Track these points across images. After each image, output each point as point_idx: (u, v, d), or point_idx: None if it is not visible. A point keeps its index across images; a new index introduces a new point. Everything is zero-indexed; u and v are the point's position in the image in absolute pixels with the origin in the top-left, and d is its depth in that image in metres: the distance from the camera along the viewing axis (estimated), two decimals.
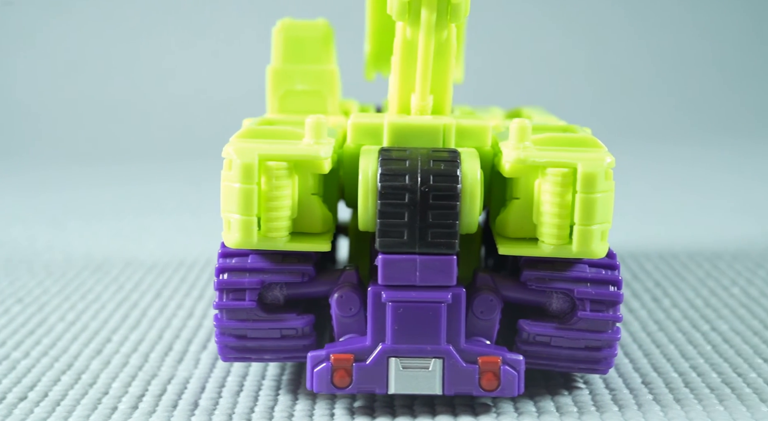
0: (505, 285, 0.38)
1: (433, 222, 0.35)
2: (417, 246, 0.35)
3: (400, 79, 0.39)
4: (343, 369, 0.36)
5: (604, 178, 0.35)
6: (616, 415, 0.36)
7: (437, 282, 0.36)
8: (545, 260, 0.37)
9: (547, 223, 0.36)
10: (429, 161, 0.36)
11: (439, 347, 0.36)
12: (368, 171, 0.36)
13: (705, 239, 0.71)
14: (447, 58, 0.38)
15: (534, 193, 0.36)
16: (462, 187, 0.36)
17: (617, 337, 0.37)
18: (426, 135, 0.38)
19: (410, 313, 0.36)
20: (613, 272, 0.37)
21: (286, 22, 0.51)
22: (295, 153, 0.36)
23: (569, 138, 0.37)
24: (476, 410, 0.37)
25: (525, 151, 0.36)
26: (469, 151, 0.37)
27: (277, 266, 0.37)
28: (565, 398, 0.38)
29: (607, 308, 0.37)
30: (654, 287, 0.57)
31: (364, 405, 0.38)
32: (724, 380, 0.40)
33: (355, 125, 0.39)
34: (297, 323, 0.37)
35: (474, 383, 0.36)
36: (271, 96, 0.50)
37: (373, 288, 0.36)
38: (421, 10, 0.36)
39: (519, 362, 0.36)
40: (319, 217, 0.37)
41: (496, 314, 0.37)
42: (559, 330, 0.37)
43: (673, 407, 0.37)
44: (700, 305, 0.53)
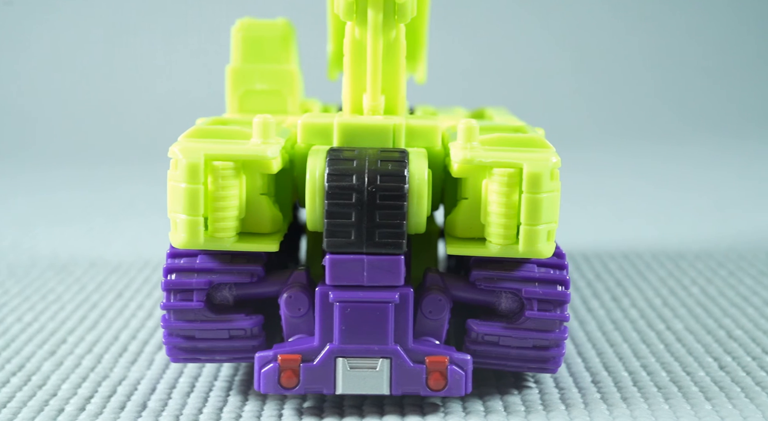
0: (455, 285, 0.38)
1: (381, 222, 0.35)
2: (364, 246, 0.35)
3: (351, 79, 0.39)
4: (291, 370, 0.36)
5: (549, 178, 0.35)
6: (563, 414, 0.37)
7: (385, 282, 0.36)
8: (494, 259, 0.37)
9: (494, 223, 0.36)
10: (377, 161, 0.36)
11: (386, 347, 0.36)
12: (315, 171, 0.36)
13: (670, 238, 0.71)
14: (397, 58, 0.38)
15: (482, 193, 0.36)
16: (409, 188, 0.36)
17: (564, 336, 0.37)
18: (376, 135, 0.38)
19: (358, 313, 0.36)
20: (561, 272, 0.37)
21: (245, 22, 0.51)
22: (241, 153, 0.35)
23: (517, 138, 0.37)
24: (425, 409, 0.37)
25: (472, 152, 0.36)
26: (418, 152, 0.37)
27: (226, 266, 0.37)
28: (515, 397, 0.38)
29: (555, 307, 0.37)
30: (615, 287, 0.57)
31: (314, 406, 0.38)
32: (673, 378, 0.40)
33: (305, 125, 0.38)
34: (245, 323, 0.37)
35: (421, 383, 0.36)
36: (231, 96, 0.50)
37: (321, 288, 0.36)
38: (368, 10, 0.36)
39: (466, 361, 0.36)
40: (268, 217, 0.37)
41: (445, 314, 0.37)
42: (506, 330, 0.37)
43: (619, 406, 0.37)
44: (658, 304, 0.53)
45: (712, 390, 0.39)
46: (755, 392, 0.38)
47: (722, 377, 0.40)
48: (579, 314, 0.51)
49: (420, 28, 0.57)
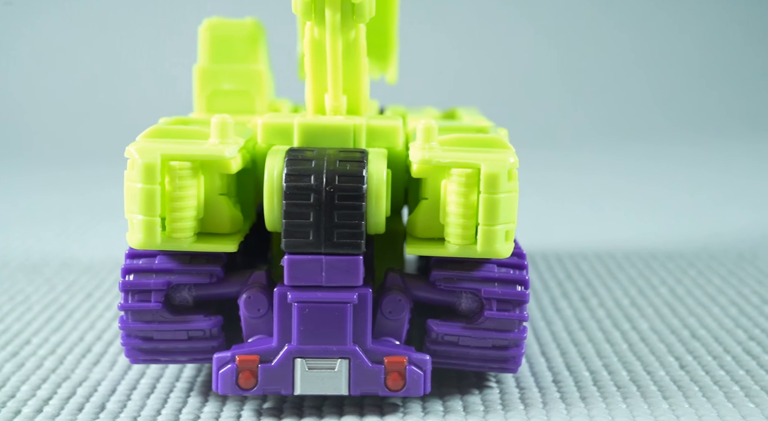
0: (416, 285, 0.38)
1: (339, 222, 0.35)
2: (323, 246, 0.35)
3: (312, 79, 0.39)
4: (249, 370, 0.36)
5: (507, 178, 0.35)
6: (521, 413, 0.37)
7: (343, 282, 0.36)
8: (454, 260, 0.37)
9: (453, 223, 0.36)
10: (335, 162, 0.36)
11: (344, 347, 0.36)
12: (274, 171, 0.36)
13: (644, 238, 0.72)
14: (357, 58, 0.38)
15: (441, 193, 0.36)
16: (367, 188, 0.36)
17: (523, 336, 0.37)
18: (336, 135, 0.38)
19: (316, 313, 0.36)
20: (521, 272, 0.37)
21: (213, 21, 0.51)
22: (198, 153, 0.35)
23: (477, 139, 0.37)
24: (384, 409, 0.37)
25: (430, 152, 0.36)
26: (378, 152, 0.37)
27: (185, 267, 0.37)
28: (475, 397, 0.38)
29: (514, 307, 0.37)
30: (585, 286, 0.57)
31: (273, 406, 0.38)
32: (633, 378, 0.40)
33: (265, 125, 0.38)
34: (204, 324, 0.37)
35: (380, 383, 0.36)
36: (198, 95, 0.50)
37: (279, 289, 0.36)
38: (325, 10, 0.36)
39: (425, 361, 0.36)
40: (227, 217, 0.37)
41: (405, 314, 0.37)
42: (466, 330, 0.37)
43: (577, 406, 0.37)
44: (626, 304, 0.53)
45: (671, 389, 0.39)
46: (712, 391, 0.39)
47: (682, 376, 0.40)
48: (546, 313, 0.52)
49: (390, 28, 0.57)
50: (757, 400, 0.38)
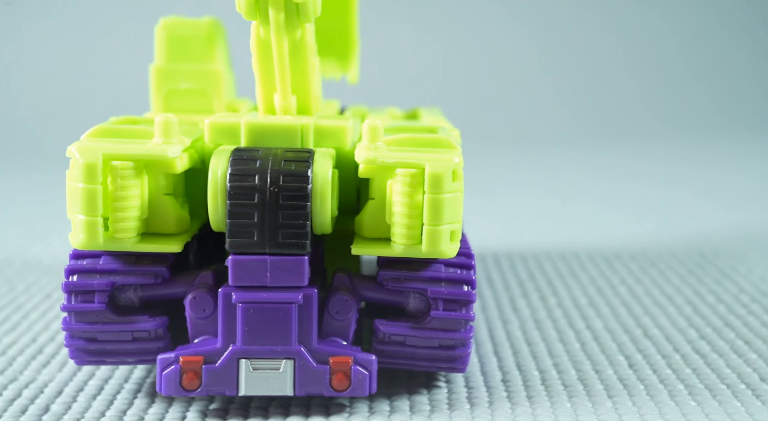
0: (364, 285, 0.38)
1: (284, 222, 0.35)
2: (267, 247, 0.35)
3: (261, 79, 0.39)
4: (192, 371, 0.35)
5: (451, 178, 0.35)
6: (466, 413, 0.37)
7: (288, 283, 0.36)
8: (402, 259, 0.37)
9: (398, 223, 0.36)
10: (280, 162, 0.36)
11: (289, 347, 0.36)
12: (217, 171, 0.36)
13: (610, 238, 0.72)
14: (304, 57, 0.38)
15: (387, 193, 0.36)
16: (312, 188, 0.36)
17: (470, 336, 0.37)
18: (283, 135, 0.38)
19: (261, 314, 0.36)
20: (468, 272, 0.37)
21: (169, 21, 0.51)
22: (141, 152, 0.35)
23: (423, 139, 0.37)
24: (330, 410, 0.37)
25: (375, 152, 0.36)
26: (324, 152, 0.37)
27: (130, 267, 0.37)
28: (422, 397, 0.38)
29: (460, 307, 0.37)
30: (545, 286, 0.58)
31: (219, 407, 0.37)
32: (581, 377, 0.41)
33: (211, 125, 0.38)
34: (149, 325, 0.37)
35: (325, 384, 0.36)
36: (155, 95, 0.50)
37: (224, 289, 0.36)
38: (269, 10, 0.36)
39: (371, 361, 0.36)
40: (173, 217, 0.37)
41: (352, 314, 0.37)
42: (413, 330, 0.37)
43: (522, 405, 0.37)
44: (583, 303, 0.54)
45: (616, 388, 0.39)
46: (657, 390, 0.39)
47: (629, 375, 0.41)
48: (504, 313, 0.52)
49: (350, 28, 0.57)
50: (699, 398, 0.38)
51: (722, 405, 0.37)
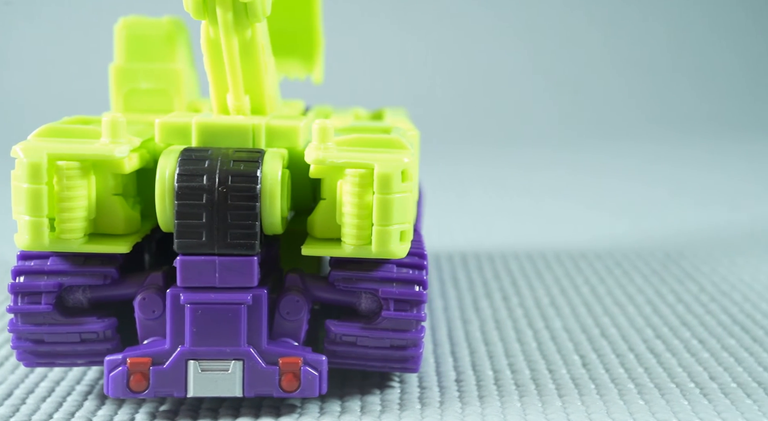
0: (316, 285, 0.38)
1: (232, 223, 0.35)
2: (216, 247, 0.35)
3: (213, 79, 0.39)
4: (140, 373, 0.35)
5: (400, 179, 0.35)
6: (416, 413, 0.37)
7: (237, 283, 0.36)
8: (353, 260, 0.37)
9: (348, 223, 0.36)
10: (230, 162, 0.36)
11: (238, 348, 0.35)
12: (165, 171, 0.35)
13: (578, 237, 0.73)
14: (256, 57, 0.38)
15: (337, 194, 0.36)
16: (261, 188, 0.35)
17: (421, 336, 0.37)
18: (234, 135, 0.38)
19: (209, 315, 0.35)
20: (420, 272, 0.37)
21: (129, 20, 0.50)
22: (86, 152, 0.35)
23: (375, 139, 0.37)
24: (281, 411, 0.37)
25: (324, 152, 0.36)
26: (275, 152, 0.37)
27: (78, 268, 0.36)
28: (375, 397, 0.38)
29: (412, 307, 0.37)
30: (509, 286, 0.58)
31: (169, 409, 0.37)
32: (534, 376, 0.41)
33: (162, 125, 0.38)
34: (96, 326, 0.36)
35: (274, 385, 0.36)
36: (115, 94, 0.50)
37: (172, 290, 0.36)
38: (216, 9, 0.36)
39: (321, 362, 0.36)
40: (121, 218, 0.36)
41: (303, 315, 0.37)
42: (364, 330, 0.37)
43: (473, 405, 0.38)
44: (545, 303, 0.54)
45: (567, 387, 0.39)
46: (607, 389, 0.39)
47: (582, 374, 0.41)
48: (465, 313, 0.52)
49: (314, 28, 0.57)
50: (648, 397, 0.38)
51: (669, 404, 0.37)
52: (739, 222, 0.79)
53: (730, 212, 0.84)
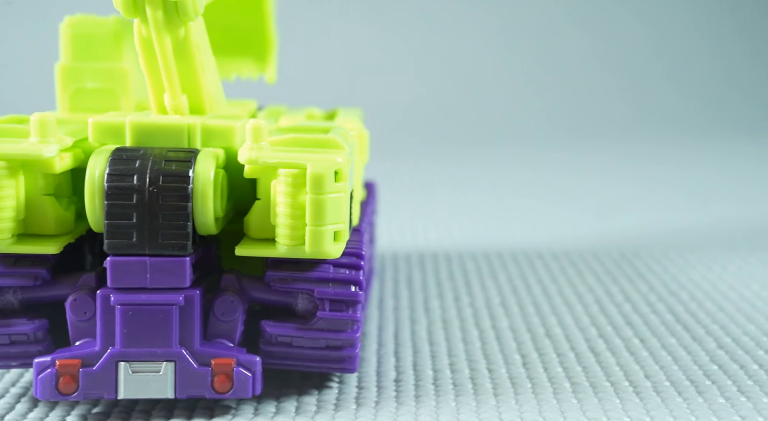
0: (252, 286, 0.38)
1: (163, 223, 0.35)
2: (147, 248, 0.35)
3: (149, 78, 0.38)
4: (69, 375, 0.35)
5: (333, 179, 0.35)
6: (350, 413, 0.37)
7: (169, 284, 0.35)
8: (290, 260, 0.37)
9: (281, 224, 0.36)
10: (161, 161, 0.36)
11: (170, 350, 0.35)
12: (95, 171, 0.35)
13: (537, 236, 0.73)
14: (191, 56, 0.38)
15: (271, 194, 0.36)
16: (194, 188, 0.35)
17: (356, 336, 0.37)
18: (169, 135, 0.37)
19: (140, 316, 0.35)
20: (356, 272, 0.37)
21: (74, 19, 0.50)
22: (13, 152, 0.34)
23: (310, 139, 0.37)
24: (215, 412, 0.37)
25: (257, 152, 0.36)
26: (209, 152, 0.37)
27: (7, 269, 0.36)
28: (311, 397, 0.38)
29: (347, 307, 0.37)
30: (462, 286, 0.58)
31: (102, 411, 0.37)
32: (473, 376, 0.41)
33: (95, 124, 0.38)
34: (26, 328, 0.36)
35: (206, 386, 0.35)
36: (61, 94, 0.49)
37: (102, 291, 0.35)
38: (146, 8, 0.35)
39: (255, 363, 0.36)
40: (52, 218, 0.36)
41: (238, 316, 0.37)
42: (299, 330, 0.37)
43: (408, 404, 0.38)
44: (495, 303, 0.54)
45: (504, 386, 0.39)
46: (542, 388, 0.39)
47: (520, 373, 0.41)
48: (415, 313, 0.52)
49: (266, 28, 0.57)
50: (581, 396, 0.38)
51: (601, 402, 0.37)
52: (699, 222, 0.80)
53: (692, 212, 0.84)
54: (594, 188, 0.98)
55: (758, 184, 1.00)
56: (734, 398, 0.38)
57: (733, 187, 0.98)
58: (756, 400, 0.37)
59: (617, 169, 1.09)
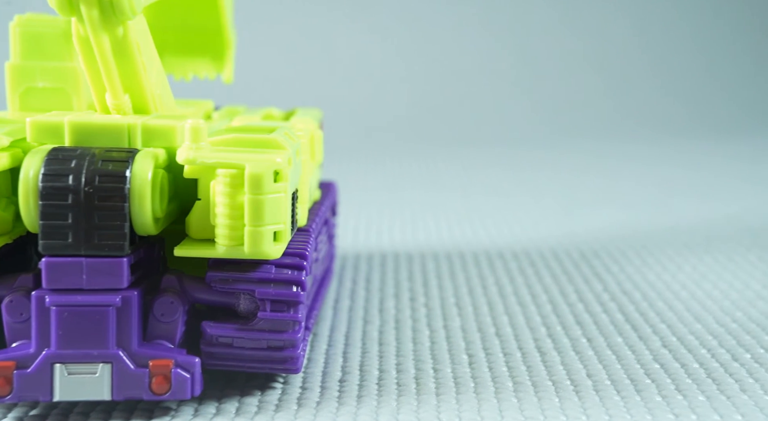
0: (194, 286, 0.37)
1: (99, 224, 0.35)
2: (83, 248, 0.35)
3: (90, 77, 0.38)
4: (3, 377, 0.34)
5: (272, 179, 0.35)
6: (291, 414, 0.37)
7: (106, 285, 0.35)
8: (231, 261, 0.37)
9: (221, 224, 0.36)
10: (98, 161, 0.35)
11: (107, 351, 0.35)
12: (29, 171, 0.35)
13: (501, 236, 0.73)
14: (130, 56, 0.37)
15: (210, 194, 0.36)
16: (131, 188, 0.35)
17: (297, 336, 0.37)
18: (109, 135, 0.37)
19: (76, 317, 0.35)
20: (298, 273, 0.37)
21: (24, 18, 0.49)
22: None
23: (252, 139, 0.37)
24: (154, 413, 0.37)
25: (195, 152, 0.36)
26: (148, 152, 0.37)
27: None
28: (254, 398, 0.38)
29: (288, 308, 0.37)
30: (420, 286, 0.58)
31: (39, 414, 0.37)
32: (417, 376, 0.41)
33: (33, 124, 0.37)
34: None
35: (144, 387, 0.35)
36: (11, 93, 0.48)
37: (37, 292, 0.35)
38: (81, 7, 0.35)
39: (193, 364, 0.36)
40: None
41: (178, 316, 0.37)
42: (240, 331, 0.37)
43: (349, 404, 0.38)
44: (450, 303, 0.54)
45: (447, 386, 0.40)
46: (484, 387, 0.40)
47: (465, 373, 0.41)
48: (369, 313, 0.52)
49: (222, 28, 0.56)
50: (521, 394, 0.39)
51: (540, 401, 0.38)
52: (660, 222, 0.80)
53: (655, 211, 0.85)
54: (562, 188, 0.98)
55: (724, 184, 1.01)
56: (671, 397, 0.38)
57: (697, 187, 0.99)
58: (691, 398, 0.38)
59: (586, 169, 1.10)
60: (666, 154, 1.22)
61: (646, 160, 1.17)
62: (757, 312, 0.51)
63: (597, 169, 1.09)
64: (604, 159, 1.18)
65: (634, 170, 1.09)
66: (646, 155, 1.21)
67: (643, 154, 1.21)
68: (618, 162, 1.16)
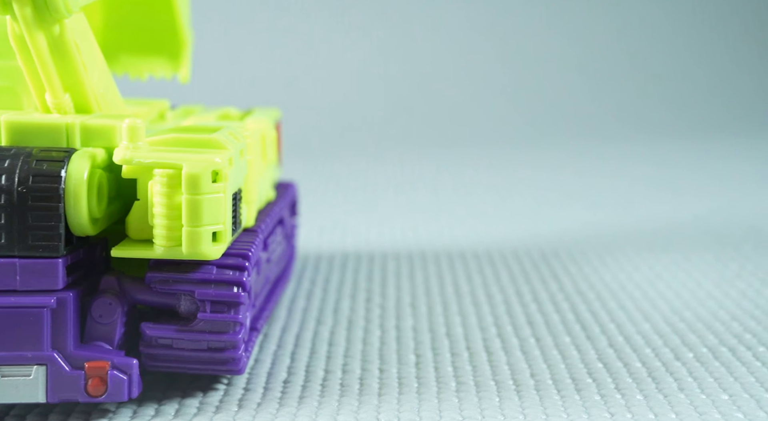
0: (134, 287, 0.37)
1: (33, 224, 0.34)
2: (16, 249, 0.34)
3: (28, 76, 0.38)
4: None
5: (210, 179, 0.35)
6: (230, 415, 0.37)
7: (40, 286, 0.35)
8: (171, 261, 0.37)
9: (158, 224, 0.35)
10: (32, 161, 0.35)
11: (41, 353, 0.35)
12: None
13: (465, 236, 0.73)
14: (68, 55, 0.37)
15: (148, 194, 0.36)
16: (66, 188, 0.35)
17: (238, 337, 0.37)
18: (47, 134, 0.37)
19: (9, 319, 0.34)
20: (240, 274, 0.37)
21: None
22: None
23: (191, 139, 0.37)
24: (92, 415, 0.36)
25: (132, 152, 0.35)
26: (85, 152, 0.36)
27: None
28: (195, 399, 0.38)
29: (229, 309, 0.37)
30: (378, 286, 0.58)
31: None
32: (362, 376, 0.41)
33: None
34: None
35: (80, 389, 0.35)
36: None
37: None
38: (13, 5, 0.35)
39: (131, 366, 0.35)
40: None
41: (117, 318, 0.37)
42: (179, 332, 0.37)
43: (290, 405, 0.37)
44: (405, 303, 0.54)
45: (390, 386, 0.40)
46: (427, 387, 0.40)
47: (410, 373, 0.41)
48: (323, 314, 0.52)
49: (177, 26, 0.56)
50: (463, 394, 0.39)
51: (481, 400, 0.38)
52: (626, 222, 0.81)
53: (622, 212, 0.86)
54: (533, 188, 0.98)
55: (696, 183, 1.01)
56: (609, 396, 0.38)
57: (669, 186, 1.00)
58: (629, 397, 0.38)
59: (561, 169, 1.11)
60: (641, 153, 1.23)
61: (620, 160, 1.17)
62: (706, 311, 0.52)
63: (571, 169, 1.10)
64: (579, 159, 1.18)
65: (607, 170, 1.10)
66: (622, 155, 1.21)
67: (618, 154, 1.22)
68: (592, 161, 1.16)
